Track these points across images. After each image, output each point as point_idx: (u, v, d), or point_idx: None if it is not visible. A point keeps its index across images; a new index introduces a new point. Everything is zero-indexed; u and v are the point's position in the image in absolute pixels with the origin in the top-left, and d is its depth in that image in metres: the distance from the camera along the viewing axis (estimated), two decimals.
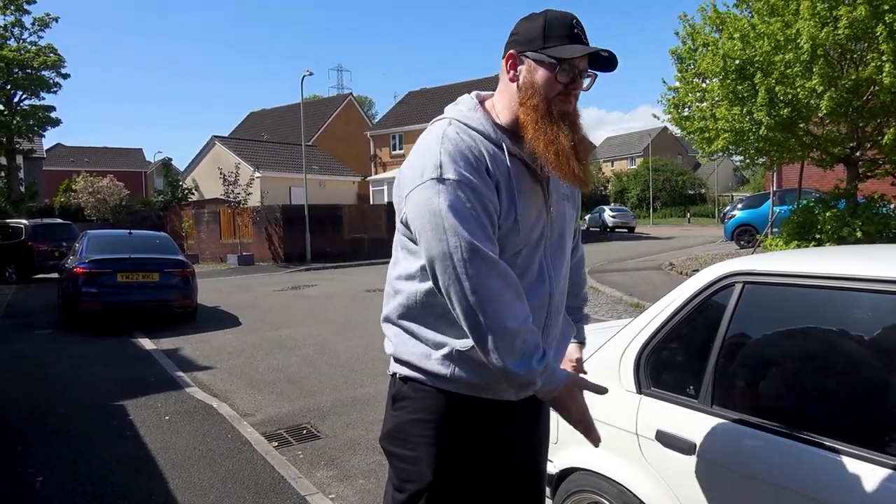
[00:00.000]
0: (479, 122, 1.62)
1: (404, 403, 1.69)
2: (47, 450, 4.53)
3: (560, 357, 1.82)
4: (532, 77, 1.60)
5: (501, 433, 1.70)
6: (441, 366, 1.61)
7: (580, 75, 1.60)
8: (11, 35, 27.06)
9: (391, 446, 1.70)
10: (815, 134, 11.35)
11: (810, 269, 1.97)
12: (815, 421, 1.83)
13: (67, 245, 14.49)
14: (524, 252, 1.62)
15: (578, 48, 1.57)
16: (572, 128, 1.60)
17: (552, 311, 1.69)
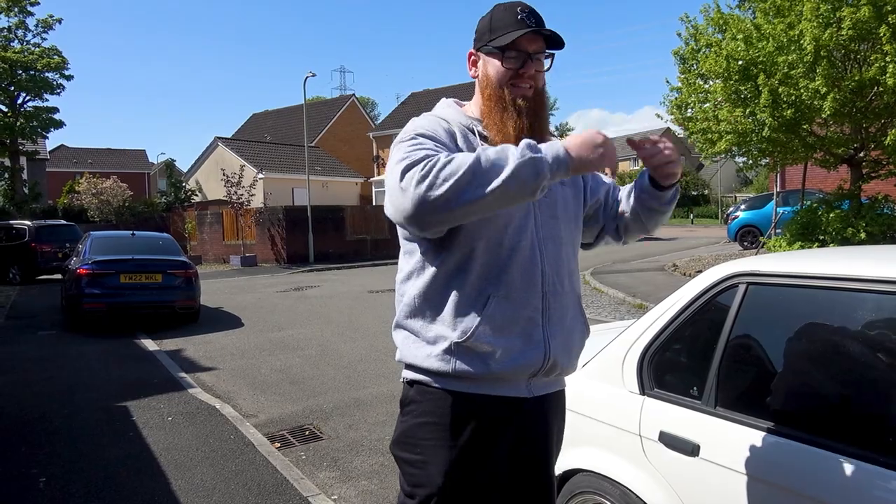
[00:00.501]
0: (450, 115, 1.71)
1: (412, 407, 1.69)
2: (51, 450, 4.54)
3: (572, 340, 1.72)
4: (486, 70, 1.68)
5: (511, 432, 1.68)
6: (441, 362, 1.60)
7: (531, 58, 1.63)
8: (15, 37, 27.16)
9: (400, 451, 1.69)
10: (819, 135, 11.32)
11: (814, 270, 1.96)
12: (820, 422, 1.82)
13: (71, 246, 14.54)
14: (511, 228, 1.62)
15: (514, 33, 1.60)
16: (534, 111, 1.63)
17: (548, 292, 1.65)
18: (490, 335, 1.58)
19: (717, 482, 1.93)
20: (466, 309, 1.59)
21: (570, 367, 1.76)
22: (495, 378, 1.61)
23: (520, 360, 1.60)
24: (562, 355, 1.68)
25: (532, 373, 1.65)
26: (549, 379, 1.71)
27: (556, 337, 1.66)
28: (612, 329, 3.20)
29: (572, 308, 1.74)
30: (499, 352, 1.59)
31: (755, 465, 1.83)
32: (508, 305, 1.60)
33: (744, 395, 2.08)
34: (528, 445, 1.73)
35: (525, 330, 1.61)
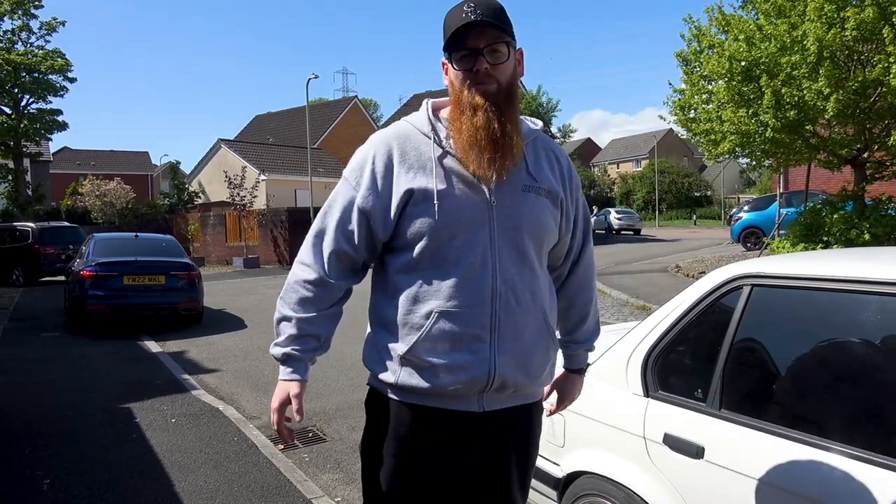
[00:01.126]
0: (415, 118, 1.69)
1: (369, 410, 1.74)
2: (55, 452, 4.54)
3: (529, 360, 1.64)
4: (449, 77, 1.64)
5: (462, 446, 1.62)
6: (389, 373, 1.62)
7: (481, 53, 1.56)
8: (19, 39, 27.21)
9: (363, 450, 1.75)
10: (822, 136, 11.29)
11: (819, 272, 1.96)
12: (825, 425, 1.81)
13: (74, 248, 14.57)
14: (458, 241, 1.56)
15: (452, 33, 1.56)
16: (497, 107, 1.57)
17: (499, 309, 1.57)
18: (432, 351, 1.55)
19: (721, 485, 1.92)
20: (411, 324, 1.57)
21: (531, 384, 1.67)
22: (441, 393, 1.58)
23: (462, 377, 1.55)
24: (514, 373, 1.59)
25: (479, 390, 1.59)
26: (504, 395, 1.63)
27: (508, 355, 1.58)
28: (616, 331, 3.19)
29: (533, 324, 1.63)
30: (441, 368, 1.55)
31: (760, 467, 1.82)
32: (452, 322, 1.55)
33: (748, 397, 2.07)
34: (482, 461, 1.65)
35: (470, 347, 1.55)
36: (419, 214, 1.56)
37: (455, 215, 1.55)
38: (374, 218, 1.61)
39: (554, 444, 2.61)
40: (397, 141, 1.63)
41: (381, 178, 1.60)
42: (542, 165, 1.70)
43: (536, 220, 1.63)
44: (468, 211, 1.56)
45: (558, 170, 1.74)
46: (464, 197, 1.57)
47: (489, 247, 1.57)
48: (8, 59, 25.58)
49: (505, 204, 1.59)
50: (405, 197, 1.57)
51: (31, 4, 26.87)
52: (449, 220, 1.55)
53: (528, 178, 1.65)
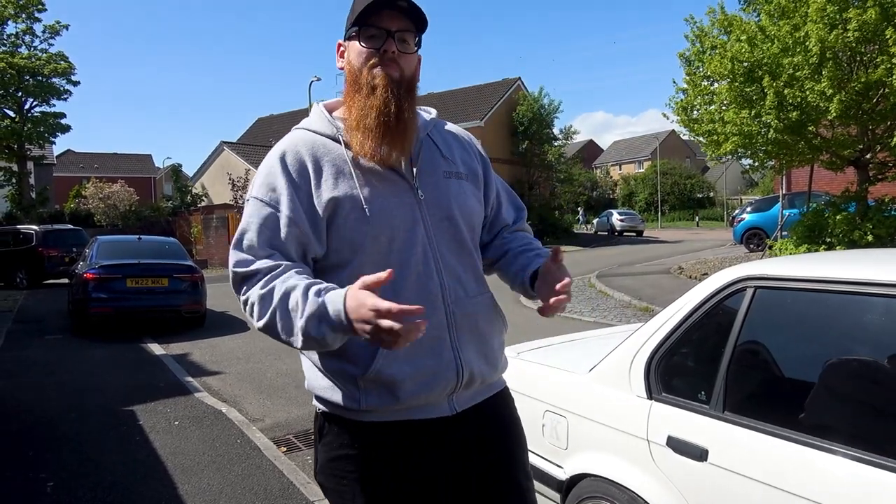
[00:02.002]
0: (314, 123, 1.57)
1: (328, 439, 1.54)
2: (58, 455, 4.55)
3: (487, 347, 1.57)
4: (349, 57, 1.53)
5: (440, 453, 1.51)
6: (349, 399, 1.46)
7: (392, 36, 1.48)
8: (22, 43, 27.32)
9: (325, 481, 1.56)
10: (825, 137, 11.29)
11: (822, 274, 1.96)
12: (830, 427, 1.81)
13: (77, 251, 14.58)
14: (397, 243, 1.46)
15: (367, 6, 1.46)
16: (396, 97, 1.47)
17: (451, 304, 1.50)
18: (394, 364, 1.42)
19: (725, 487, 1.92)
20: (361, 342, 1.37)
21: (495, 372, 1.61)
22: (410, 405, 1.47)
23: (431, 384, 1.46)
24: (479, 365, 1.53)
25: (449, 392, 1.50)
26: (471, 391, 1.55)
27: (469, 349, 1.51)
28: (619, 333, 3.19)
29: (484, 311, 1.58)
30: (406, 380, 1.43)
31: (763, 470, 1.82)
32: None
33: (752, 399, 2.07)
34: (468, 460, 1.55)
35: (433, 350, 1.46)
36: (351, 224, 1.45)
37: (388, 218, 1.46)
38: (304, 230, 1.44)
39: (557, 446, 2.61)
40: (304, 148, 1.50)
41: (300, 190, 1.46)
42: (454, 148, 1.66)
43: (464, 205, 1.58)
44: (399, 210, 1.48)
45: (470, 150, 1.70)
46: (392, 197, 1.48)
47: (427, 243, 1.50)
48: (11, 63, 25.67)
49: (431, 195, 1.53)
50: (330, 207, 1.44)
51: (34, 8, 26.98)
52: (384, 224, 1.45)
53: (445, 163, 1.60)
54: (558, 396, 2.65)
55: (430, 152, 1.60)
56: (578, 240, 32.04)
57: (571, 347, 3.19)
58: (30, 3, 26.68)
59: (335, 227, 1.46)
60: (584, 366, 2.60)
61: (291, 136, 1.55)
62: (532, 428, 2.75)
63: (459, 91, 37.24)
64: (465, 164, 1.65)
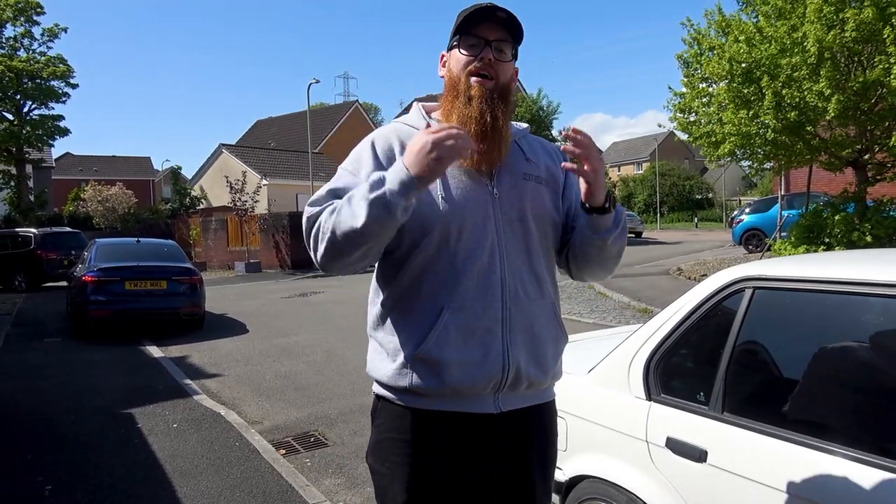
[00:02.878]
0: (409, 117, 1.70)
1: (379, 421, 1.64)
2: (56, 458, 4.54)
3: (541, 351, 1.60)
4: (449, 65, 1.63)
5: (479, 450, 1.56)
6: (400, 377, 1.54)
7: (489, 45, 1.56)
8: (21, 46, 27.32)
9: (373, 462, 1.65)
10: (823, 137, 11.29)
11: (821, 274, 1.95)
12: (828, 428, 1.81)
13: (76, 253, 14.57)
14: (466, 234, 1.53)
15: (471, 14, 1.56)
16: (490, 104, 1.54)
17: (509, 301, 1.54)
18: (444, 348, 1.50)
19: (724, 488, 1.92)
20: (421, 321, 1.52)
21: (545, 379, 1.63)
22: (455, 393, 1.52)
23: (476, 373, 1.51)
24: (529, 367, 1.57)
25: (494, 387, 1.54)
26: (518, 393, 1.58)
27: (520, 348, 1.55)
28: (618, 334, 3.19)
29: (544, 316, 1.62)
30: (454, 365, 1.50)
31: (762, 471, 1.82)
32: (463, 317, 1.51)
33: (751, 400, 2.07)
34: (503, 463, 1.59)
35: (483, 342, 1.52)
36: (424, 208, 1.50)
37: (461, 208, 1.53)
38: None
39: None
40: (395, 134, 1.62)
41: (382, 166, 1.52)
42: (539, 153, 1.71)
43: (538, 208, 1.62)
44: (473, 203, 1.54)
45: (556, 158, 1.73)
46: (467, 189, 1.55)
47: (496, 238, 1.55)
48: (10, 66, 25.70)
49: (507, 194, 1.58)
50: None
51: (33, 11, 26.99)
52: (456, 213, 1.52)
53: (527, 165, 1.66)
54: (557, 398, 2.65)
55: (514, 155, 1.65)
56: None
57: (570, 348, 3.17)
58: (28, 6, 26.69)
59: (417, 214, 1.49)
60: (583, 367, 2.60)
61: (387, 125, 1.69)
62: None
63: None
64: (548, 170, 1.69)
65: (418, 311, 1.53)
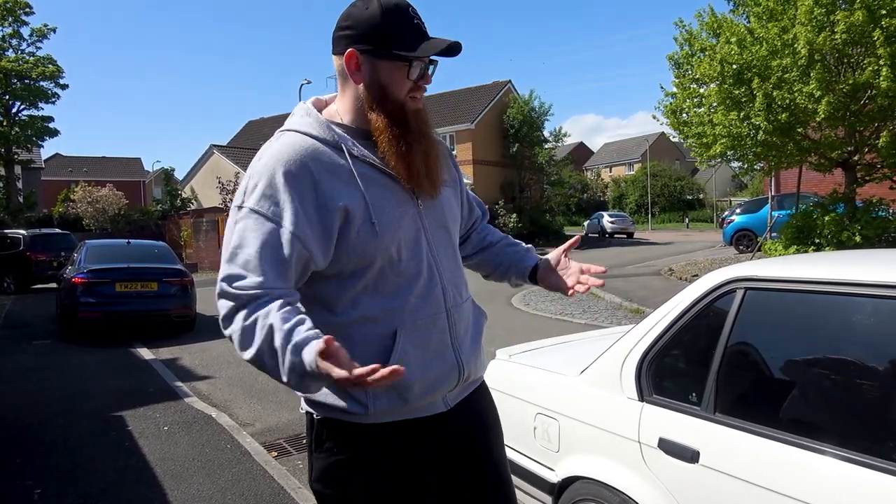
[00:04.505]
0: (311, 127, 1.50)
1: (328, 445, 1.53)
2: (46, 461, 4.50)
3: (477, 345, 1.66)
4: (377, 76, 1.48)
5: (437, 445, 1.58)
6: (356, 405, 1.47)
7: (428, 67, 1.51)
8: (10, 46, 27.14)
9: (322, 488, 1.54)
10: (813, 138, 11.37)
11: (812, 275, 1.96)
12: (820, 428, 1.81)
13: (66, 255, 14.47)
14: (405, 254, 1.49)
15: (434, 45, 1.47)
16: (423, 128, 1.53)
17: (450, 308, 1.56)
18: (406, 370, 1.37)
19: (716, 489, 1.92)
20: (377, 348, 1.45)
21: (483, 368, 1.72)
22: (417, 408, 1.52)
23: (437, 385, 1.53)
24: (474, 363, 1.63)
25: (448, 390, 1.58)
26: (461, 387, 1.62)
27: (466, 348, 1.60)
28: (610, 335, 3.19)
29: (473, 310, 1.68)
30: (416, 383, 1.48)
31: (755, 471, 1.82)
32: (417, 335, 1.49)
33: (743, 400, 2.07)
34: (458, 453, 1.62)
35: (438, 353, 1.53)
36: (362, 238, 1.44)
37: (395, 230, 1.47)
38: (308, 247, 1.39)
39: (548, 449, 2.60)
40: (307, 157, 1.43)
41: (306, 204, 1.40)
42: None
43: (452, 212, 1.66)
44: (405, 222, 1.50)
45: (449, 156, 1.73)
46: (397, 208, 1.49)
47: (429, 250, 1.55)
48: None
49: (429, 205, 1.57)
50: (341, 219, 1.41)
51: (21, 11, 26.81)
52: (392, 236, 1.47)
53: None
54: (549, 399, 2.65)
55: None
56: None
57: (562, 349, 3.19)
58: (17, 5, 26.51)
59: (346, 241, 1.43)
60: (575, 368, 2.60)
61: (290, 141, 1.47)
62: (523, 430, 2.75)
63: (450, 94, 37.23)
64: (448, 171, 1.67)
65: (372, 338, 1.46)
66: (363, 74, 1.48)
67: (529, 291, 13.47)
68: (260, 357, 1.32)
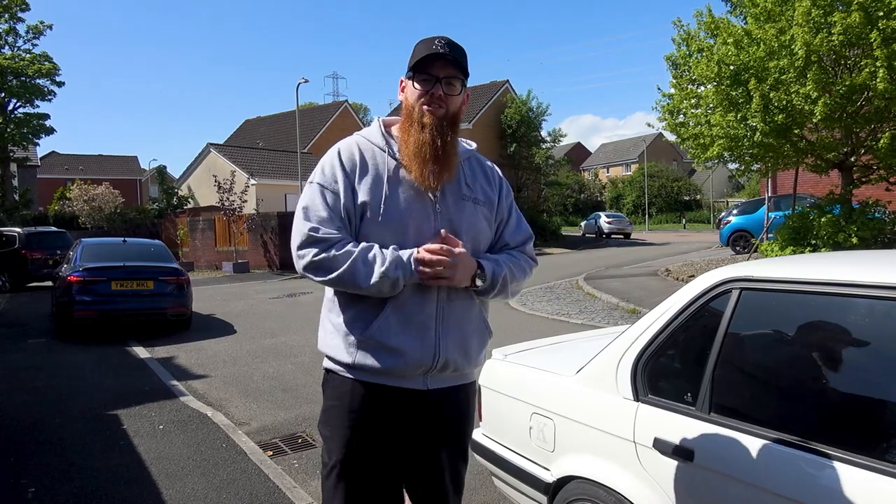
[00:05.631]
0: (370, 133, 1.98)
1: (327, 391, 1.95)
2: (41, 460, 4.49)
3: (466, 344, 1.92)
4: (406, 94, 1.94)
5: (409, 419, 1.88)
6: (346, 354, 1.85)
7: (440, 81, 1.86)
8: (5, 43, 27.07)
9: (321, 427, 1.95)
10: (810, 140, 11.38)
11: (808, 276, 1.96)
12: (813, 428, 1.81)
13: (62, 253, 14.43)
14: (409, 243, 1.83)
15: (421, 54, 1.85)
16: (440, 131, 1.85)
17: (442, 301, 1.86)
18: (386, 335, 1.81)
19: (711, 488, 1.92)
20: (368, 310, 1.83)
21: (469, 367, 1.96)
22: (390, 372, 1.83)
23: (410, 358, 1.82)
24: (456, 356, 1.88)
25: (424, 371, 1.85)
26: (445, 375, 1.90)
27: (450, 340, 1.87)
28: (606, 335, 3.19)
29: (472, 315, 1.93)
30: (393, 350, 1.81)
31: (749, 471, 1.82)
32: (402, 312, 1.82)
33: (738, 401, 2.07)
34: (422, 431, 1.91)
35: (419, 333, 1.83)
36: (370, 223, 1.83)
37: (400, 224, 1.83)
38: (350, 213, 1.85)
39: (544, 448, 2.60)
40: (358, 148, 1.91)
41: (349, 183, 1.86)
42: (478, 178, 2.03)
43: (472, 224, 1.94)
44: (413, 220, 1.84)
45: (492, 178, 2.06)
46: (412, 203, 1.86)
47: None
48: None
49: (447, 211, 1.89)
50: (361, 206, 1.84)
51: (17, 8, 26.72)
52: (395, 229, 1.83)
53: (466, 189, 1.96)
54: (545, 398, 2.65)
55: (457, 177, 1.95)
56: (566, 242, 32.15)
57: (558, 349, 3.19)
58: (13, 2, 26.43)
59: (364, 221, 1.85)
60: (571, 368, 2.60)
61: (350, 138, 1.96)
62: (519, 430, 2.75)
63: None
64: (484, 192, 2.01)
65: (366, 302, 1.83)
66: (403, 95, 1.95)
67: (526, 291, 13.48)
68: (353, 267, 1.75)
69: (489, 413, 3.03)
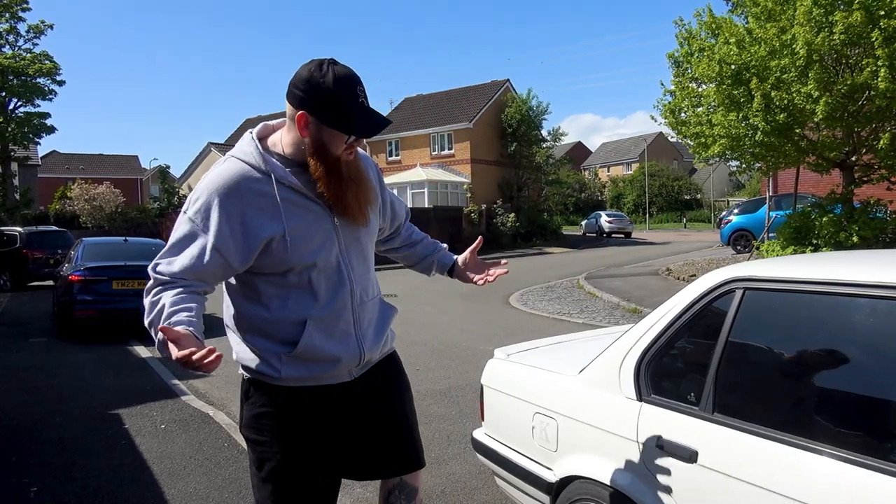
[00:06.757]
0: (250, 156, 1.81)
1: (252, 399, 1.94)
2: (42, 460, 4.49)
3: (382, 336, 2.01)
4: (321, 137, 1.77)
5: (343, 407, 1.93)
6: (271, 368, 1.86)
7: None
8: (6, 42, 27.06)
9: (248, 433, 1.94)
10: (811, 139, 11.37)
11: (810, 275, 1.96)
12: (818, 429, 1.81)
13: (63, 252, 14.42)
14: (320, 262, 1.83)
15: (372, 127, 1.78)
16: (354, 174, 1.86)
17: (356, 306, 1.92)
18: (311, 349, 1.83)
19: (715, 489, 1.92)
20: (289, 331, 1.83)
21: (387, 346, 2.08)
22: (320, 378, 1.89)
23: (337, 365, 1.88)
24: (375, 350, 1.99)
25: (350, 369, 1.93)
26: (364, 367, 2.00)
27: (369, 339, 1.95)
28: (608, 334, 3.19)
29: (377, 307, 2.02)
30: (321, 360, 1.85)
31: (753, 471, 1.82)
32: (323, 325, 1.85)
33: (741, 400, 2.07)
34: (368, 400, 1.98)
35: (342, 341, 1.88)
36: (279, 253, 1.78)
37: (308, 246, 1.80)
38: (226, 256, 1.76)
39: (547, 448, 2.60)
40: (240, 180, 1.77)
41: (232, 221, 1.74)
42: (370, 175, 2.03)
43: (368, 227, 1.97)
44: (319, 237, 1.83)
45: (372, 172, 2.05)
46: (314, 227, 1.82)
47: (341, 259, 1.88)
48: None
49: (345, 221, 1.88)
50: (263, 241, 1.76)
51: (18, 7, 26.71)
52: (305, 252, 1.80)
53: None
54: (548, 398, 2.65)
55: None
56: (567, 241, 32.14)
57: (561, 349, 3.19)
58: (13, 2, 26.42)
59: (268, 253, 1.79)
60: (573, 367, 2.60)
61: (230, 168, 1.80)
62: (521, 430, 2.75)
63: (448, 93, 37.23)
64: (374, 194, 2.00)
65: (285, 323, 1.84)
66: (309, 132, 1.77)
67: (527, 291, 13.48)
68: (149, 325, 1.76)
69: (491, 413, 3.03)
